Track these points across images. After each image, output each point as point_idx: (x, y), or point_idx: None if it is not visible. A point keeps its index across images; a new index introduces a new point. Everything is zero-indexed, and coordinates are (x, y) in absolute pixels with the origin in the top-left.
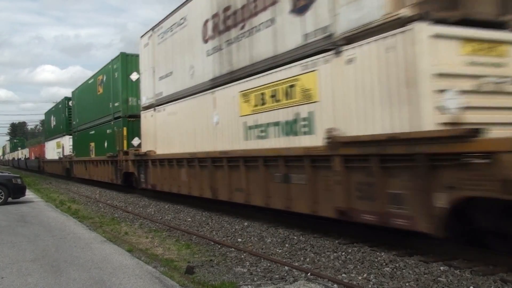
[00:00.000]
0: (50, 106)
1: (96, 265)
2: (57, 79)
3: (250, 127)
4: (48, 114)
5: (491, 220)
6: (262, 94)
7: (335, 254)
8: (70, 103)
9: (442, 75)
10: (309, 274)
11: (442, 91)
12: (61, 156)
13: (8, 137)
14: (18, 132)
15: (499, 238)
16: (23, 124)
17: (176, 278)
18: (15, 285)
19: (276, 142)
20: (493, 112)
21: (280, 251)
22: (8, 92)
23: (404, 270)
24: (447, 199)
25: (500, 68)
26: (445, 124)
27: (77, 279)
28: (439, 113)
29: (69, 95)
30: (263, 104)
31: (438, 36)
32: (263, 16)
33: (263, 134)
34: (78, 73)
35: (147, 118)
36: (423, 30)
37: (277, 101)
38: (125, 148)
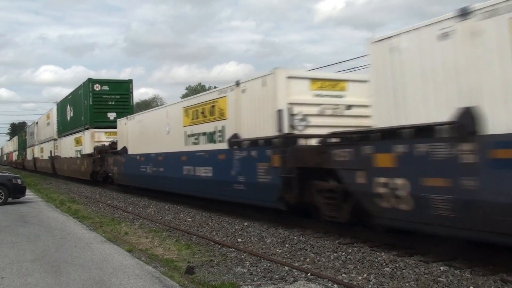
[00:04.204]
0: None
1: (96, 265)
2: (59, 79)
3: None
4: None
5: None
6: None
7: (335, 254)
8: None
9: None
10: (309, 274)
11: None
12: None
13: (8, 137)
14: (18, 132)
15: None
16: (23, 124)
17: (176, 278)
18: (15, 285)
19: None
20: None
21: (280, 251)
22: (10, 92)
23: (404, 270)
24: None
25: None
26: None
27: (77, 279)
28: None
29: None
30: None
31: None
32: None
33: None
34: (81, 73)
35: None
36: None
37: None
38: None
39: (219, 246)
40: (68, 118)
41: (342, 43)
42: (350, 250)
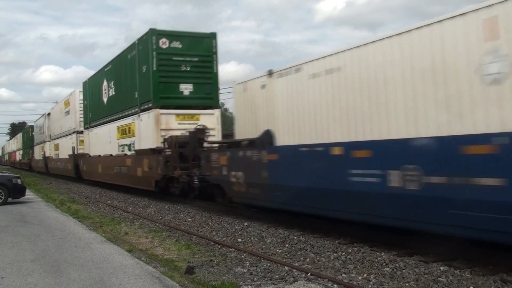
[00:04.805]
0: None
1: (96, 265)
2: (60, 79)
3: None
4: None
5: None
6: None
7: (335, 254)
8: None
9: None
10: (309, 274)
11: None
12: None
13: (8, 137)
14: (18, 132)
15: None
16: (23, 124)
17: (176, 278)
18: (15, 285)
19: None
20: None
21: (280, 251)
22: (10, 92)
23: (404, 270)
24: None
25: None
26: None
27: (77, 279)
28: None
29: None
30: None
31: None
32: None
33: None
34: (81, 73)
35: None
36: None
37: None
38: None
39: (219, 246)
40: (105, 99)
41: (343, 43)
42: (350, 250)
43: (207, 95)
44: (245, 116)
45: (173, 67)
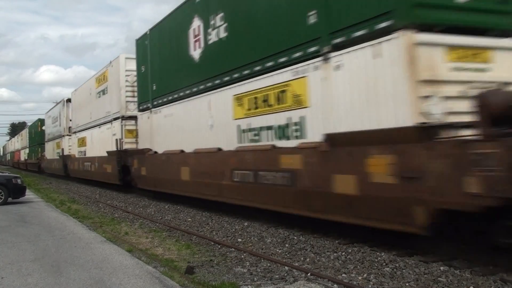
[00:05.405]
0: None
1: (96, 265)
2: (60, 79)
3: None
4: None
5: None
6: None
7: (335, 254)
8: None
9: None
10: (309, 274)
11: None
12: None
13: (8, 137)
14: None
15: None
16: (23, 124)
17: (176, 278)
18: (15, 285)
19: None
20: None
21: (280, 251)
22: (11, 92)
23: (404, 270)
24: None
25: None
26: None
27: (77, 279)
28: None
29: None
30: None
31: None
32: None
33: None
34: (82, 73)
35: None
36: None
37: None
38: None
39: (219, 246)
40: (197, 52)
41: None
42: (350, 250)
43: (503, 5)
44: None
45: None
